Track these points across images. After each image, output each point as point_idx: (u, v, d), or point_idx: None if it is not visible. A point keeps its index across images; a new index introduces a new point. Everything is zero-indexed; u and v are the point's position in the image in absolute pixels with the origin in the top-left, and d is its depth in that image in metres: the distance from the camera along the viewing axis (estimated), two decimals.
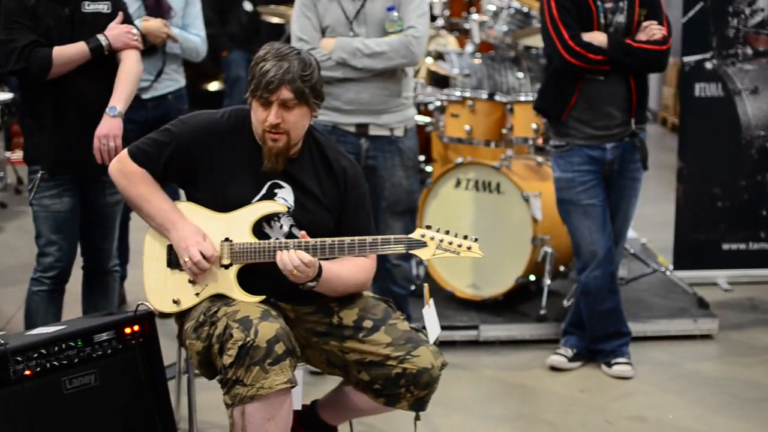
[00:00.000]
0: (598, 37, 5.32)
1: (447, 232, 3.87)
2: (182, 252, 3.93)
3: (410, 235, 3.87)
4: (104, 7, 4.97)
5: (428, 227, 3.89)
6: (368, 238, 3.87)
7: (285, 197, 3.99)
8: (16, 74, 4.95)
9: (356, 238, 3.87)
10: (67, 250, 5.02)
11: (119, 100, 4.90)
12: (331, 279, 3.91)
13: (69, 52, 4.84)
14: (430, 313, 4.13)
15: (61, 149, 4.92)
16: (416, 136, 5.60)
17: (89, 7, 4.94)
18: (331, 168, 4.07)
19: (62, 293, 5.13)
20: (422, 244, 3.86)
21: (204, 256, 3.90)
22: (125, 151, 4.08)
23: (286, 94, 3.84)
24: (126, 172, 4.05)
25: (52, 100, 4.90)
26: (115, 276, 5.30)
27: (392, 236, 3.89)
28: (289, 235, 3.97)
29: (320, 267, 3.86)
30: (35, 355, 3.97)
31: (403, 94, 5.44)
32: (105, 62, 4.93)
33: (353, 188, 4.09)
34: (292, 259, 3.78)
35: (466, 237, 3.87)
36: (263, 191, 3.99)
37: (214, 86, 12.70)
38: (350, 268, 4.00)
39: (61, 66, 4.82)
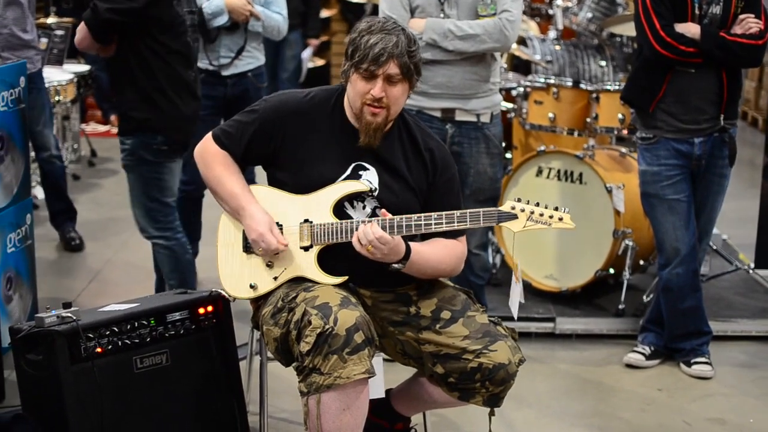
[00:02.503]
0: (691, 29, 5.17)
1: (537, 204, 3.79)
2: (252, 242, 3.90)
3: (500, 208, 3.78)
4: None
5: (518, 200, 3.80)
6: (456, 212, 3.78)
7: (369, 179, 3.91)
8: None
9: (443, 212, 3.78)
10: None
11: None
12: (419, 261, 3.83)
13: None
14: (516, 288, 4.02)
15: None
16: (501, 123, 5.48)
17: None
18: (419, 149, 3.99)
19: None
20: (513, 217, 3.77)
21: (268, 251, 3.86)
22: (210, 133, 4.04)
23: (393, 68, 3.77)
24: (205, 154, 4.02)
25: None
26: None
27: (481, 209, 3.79)
28: (373, 217, 3.89)
29: (408, 248, 3.79)
30: (107, 333, 3.96)
31: (492, 80, 5.32)
32: None
33: (442, 170, 4.00)
34: (366, 233, 3.71)
35: (557, 208, 3.78)
36: (347, 172, 3.92)
37: None
38: (440, 250, 3.91)
39: None
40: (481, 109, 5.29)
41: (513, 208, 3.77)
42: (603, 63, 7.52)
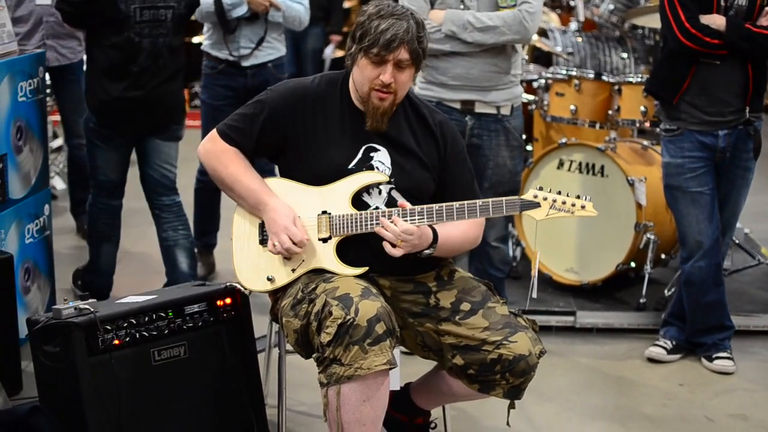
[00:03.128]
0: (716, 20, 5.11)
1: (559, 192, 3.76)
2: (272, 236, 3.85)
3: (523, 196, 3.75)
4: None
5: (540, 188, 3.77)
6: (478, 201, 3.76)
7: (381, 160, 3.89)
8: None
9: (465, 201, 3.76)
10: None
11: None
12: (447, 241, 3.84)
13: None
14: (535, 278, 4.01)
15: None
16: (522, 115, 5.43)
17: None
18: (428, 124, 3.97)
19: None
20: (535, 205, 3.74)
21: (293, 242, 3.80)
22: (214, 130, 3.99)
23: (403, 54, 3.75)
24: (215, 153, 3.96)
25: None
26: None
27: (504, 198, 3.77)
28: (389, 201, 3.87)
29: (435, 233, 3.79)
30: (125, 325, 3.94)
31: (512, 72, 5.26)
32: None
33: (453, 144, 4.00)
34: (392, 230, 3.69)
35: (579, 196, 3.75)
36: (359, 155, 3.89)
37: None
38: (462, 224, 3.89)
39: None
40: (501, 101, 5.24)
41: (535, 196, 3.74)
42: (624, 55, 7.48)
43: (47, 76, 5.96)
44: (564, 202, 3.74)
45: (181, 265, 5.75)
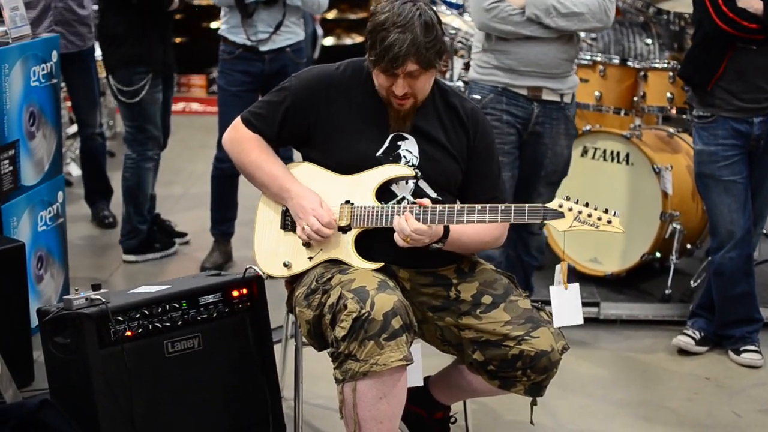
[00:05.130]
0: (754, 4, 4.98)
1: (586, 204, 3.64)
2: (299, 221, 3.77)
3: (547, 205, 3.63)
4: None
5: (567, 198, 3.65)
6: (501, 206, 3.66)
7: (409, 149, 3.80)
8: None
9: (487, 205, 3.66)
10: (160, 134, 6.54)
11: None
12: (460, 237, 3.75)
13: None
14: (564, 295, 3.83)
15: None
16: (576, 104, 5.34)
17: None
18: (458, 114, 3.87)
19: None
20: (559, 215, 3.63)
21: (322, 224, 3.72)
22: (238, 118, 3.94)
23: (411, 66, 3.63)
24: (238, 139, 3.90)
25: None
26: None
27: (527, 205, 3.66)
28: (416, 191, 3.79)
29: (447, 231, 3.70)
30: (137, 316, 3.86)
31: (575, 59, 5.17)
32: None
33: (483, 134, 3.90)
34: (403, 228, 3.62)
35: (606, 211, 3.62)
36: (386, 144, 3.81)
37: None
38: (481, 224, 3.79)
39: None
40: (566, 89, 5.13)
41: (560, 206, 3.63)
42: (649, 41, 7.36)
43: None
44: (590, 215, 3.61)
45: None
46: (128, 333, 3.79)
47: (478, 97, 5.09)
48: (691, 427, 4.69)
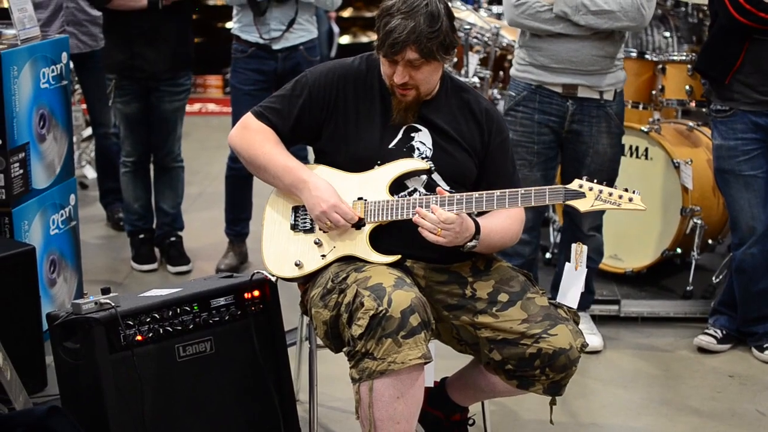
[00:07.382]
0: None
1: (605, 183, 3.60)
2: (319, 215, 3.71)
3: (567, 186, 3.58)
4: None
5: (585, 178, 3.62)
6: (520, 190, 3.61)
7: (423, 141, 3.77)
8: None
9: (506, 190, 3.62)
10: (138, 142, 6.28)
11: None
12: (489, 235, 3.69)
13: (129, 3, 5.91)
14: (572, 275, 3.80)
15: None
16: (623, 100, 5.24)
17: None
18: (472, 110, 3.84)
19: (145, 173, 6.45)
20: (580, 195, 3.57)
21: (344, 219, 3.69)
22: (247, 114, 3.89)
23: (411, 54, 3.60)
24: (249, 133, 3.84)
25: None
26: (179, 170, 6.45)
27: (546, 186, 3.61)
28: (428, 183, 3.74)
29: (477, 225, 3.64)
30: (148, 320, 3.81)
31: (618, 56, 5.07)
32: None
33: (497, 132, 3.86)
34: (431, 220, 3.55)
35: (626, 189, 3.57)
36: (399, 135, 3.78)
37: None
38: (503, 220, 3.78)
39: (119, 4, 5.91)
40: (605, 86, 5.03)
41: (581, 186, 3.58)
42: (667, 34, 7.27)
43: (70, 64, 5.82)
44: (610, 194, 3.56)
45: None
46: (139, 337, 3.74)
47: (513, 94, 5.04)
48: (714, 427, 4.61)
